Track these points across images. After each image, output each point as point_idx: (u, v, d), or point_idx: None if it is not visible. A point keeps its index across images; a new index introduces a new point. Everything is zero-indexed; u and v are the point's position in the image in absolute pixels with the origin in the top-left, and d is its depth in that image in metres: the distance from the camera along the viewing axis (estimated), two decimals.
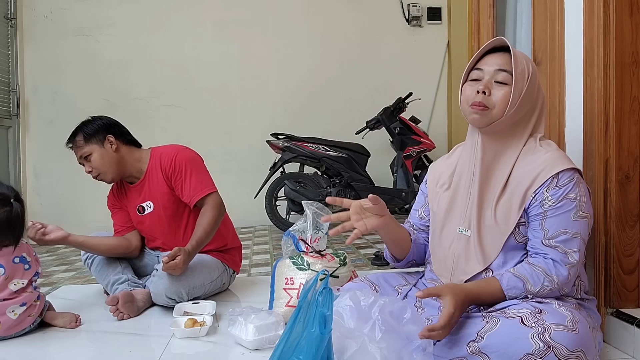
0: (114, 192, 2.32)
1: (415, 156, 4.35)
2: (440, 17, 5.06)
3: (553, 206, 1.29)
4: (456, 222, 1.43)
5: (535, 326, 1.17)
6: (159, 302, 2.04)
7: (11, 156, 4.51)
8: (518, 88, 1.32)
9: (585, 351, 1.17)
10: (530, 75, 1.34)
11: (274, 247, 3.61)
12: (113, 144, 2.16)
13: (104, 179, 2.17)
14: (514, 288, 1.29)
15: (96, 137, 2.14)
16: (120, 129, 2.22)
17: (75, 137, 2.15)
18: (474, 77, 1.38)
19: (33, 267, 1.85)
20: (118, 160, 2.16)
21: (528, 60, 1.37)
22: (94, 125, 2.16)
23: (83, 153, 2.14)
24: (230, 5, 4.86)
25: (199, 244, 2.02)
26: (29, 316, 1.80)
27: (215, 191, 2.15)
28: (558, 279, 1.28)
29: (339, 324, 1.18)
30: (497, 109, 1.33)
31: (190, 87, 4.83)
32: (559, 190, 1.30)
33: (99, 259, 2.21)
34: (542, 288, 1.28)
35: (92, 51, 4.72)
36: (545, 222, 1.30)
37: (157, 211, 2.19)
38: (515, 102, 1.32)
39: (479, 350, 1.21)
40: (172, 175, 2.14)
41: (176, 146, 2.24)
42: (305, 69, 4.91)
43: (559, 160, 1.33)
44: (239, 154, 4.78)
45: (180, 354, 1.64)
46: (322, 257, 1.85)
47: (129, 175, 2.21)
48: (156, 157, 2.19)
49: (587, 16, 1.56)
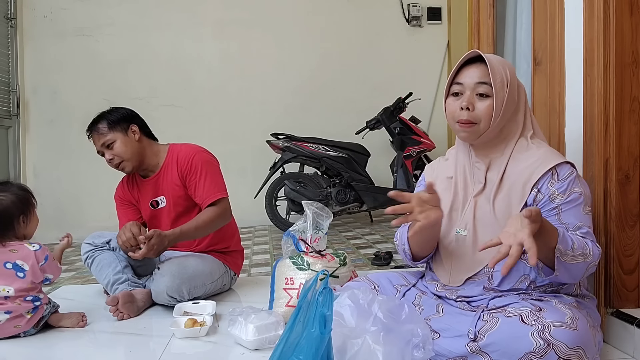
0: (125, 185, 2.30)
1: (415, 156, 4.35)
2: (440, 17, 5.06)
3: (564, 200, 1.31)
4: (454, 225, 1.45)
5: (535, 324, 1.18)
6: (160, 301, 2.04)
7: (11, 156, 4.50)
8: (499, 98, 1.35)
9: (585, 349, 1.17)
10: (509, 80, 1.36)
11: (274, 247, 3.62)
12: (136, 133, 2.16)
13: (124, 167, 2.16)
14: (563, 241, 1.22)
15: (120, 125, 2.13)
16: (142, 121, 2.23)
17: (98, 124, 2.12)
18: (456, 91, 1.40)
19: (29, 277, 1.77)
20: (140, 151, 2.17)
21: (504, 64, 1.39)
22: (118, 114, 2.16)
23: (106, 141, 2.11)
24: (230, 5, 4.86)
25: (182, 234, 2.02)
26: (15, 327, 1.74)
27: (226, 197, 2.16)
28: (592, 253, 1.27)
29: (340, 324, 1.18)
30: (483, 122, 1.36)
31: (190, 87, 4.83)
32: (563, 184, 1.32)
33: (99, 258, 2.20)
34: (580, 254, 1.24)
35: (92, 51, 4.72)
36: (562, 215, 1.32)
37: (168, 207, 2.20)
38: (499, 112, 1.35)
39: (480, 349, 1.21)
40: (187, 174, 2.15)
41: (195, 146, 2.25)
42: (305, 69, 4.91)
43: (552, 155, 1.36)
44: (239, 154, 4.78)
45: (180, 354, 1.64)
46: (322, 257, 1.85)
47: (145, 167, 2.21)
48: (173, 154, 2.20)
49: (587, 16, 1.56)
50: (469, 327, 1.26)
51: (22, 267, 1.77)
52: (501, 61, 1.40)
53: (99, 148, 2.15)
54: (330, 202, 4.14)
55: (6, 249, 1.79)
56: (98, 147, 2.15)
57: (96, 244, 2.25)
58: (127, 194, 2.29)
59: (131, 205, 2.29)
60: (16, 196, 1.83)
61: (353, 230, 4.21)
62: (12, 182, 1.91)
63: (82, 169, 4.69)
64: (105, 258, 2.20)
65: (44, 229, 4.60)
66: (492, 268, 1.37)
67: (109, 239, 2.28)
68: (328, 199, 4.13)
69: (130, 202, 2.29)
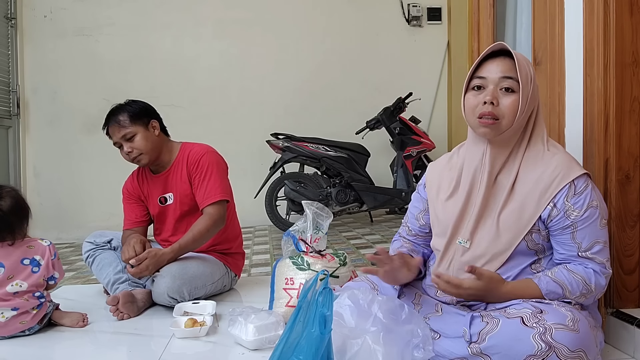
0: (135, 179, 2.30)
1: (415, 156, 4.35)
2: (440, 17, 5.05)
3: (580, 217, 1.28)
4: (458, 233, 1.40)
5: (536, 326, 1.17)
6: (160, 302, 2.04)
7: (11, 156, 4.50)
8: (525, 94, 1.29)
9: (586, 351, 1.17)
10: (533, 77, 1.32)
11: (274, 247, 3.61)
12: (156, 128, 2.17)
13: (140, 160, 2.15)
14: (552, 292, 1.28)
15: (142, 119, 2.13)
16: (159, 117, 2.24)
17: (119, 116, 2.10)
18: (478, 84, 1.33)
19: (42, 271, 1.81)
20: (158, 146, 2.17)
21: (528, 62, 1.35)
22: (138, 107, 2.16)
23: (127, 133, 2.10)
24: (231, 5, 4.85)
25: (181, 249, 2.05)
26: (20, 323, 1.76)
27: (225, 200, 2.16)
28: (596, 288, 1.28)
29: (340, 324, 1.18)
30: (507, 118, 1.29)
31: (190, 87, 4.83)
32: (579, 199, 1.28)
33: (100, 257, 2.21)
34: (580, 295, 1.28)
35: (92, 51, 4.72)
36: (577, 234, 1.29)
37: (175, 204, 2.20)
38: (524, 108, 1.29)
39: (481, 351, 1.21)
40: (193, 172, 2.16)
41: (206, 146, 2.26)
42: (305, 69, 4.91)
43: (571, 165, 1.30)
44: (239, 154, 4.77)
45: (180, 354, 1.64)
46: (322, 257, 1.85)
47: (158, 163, 2.22)
48: (185, 152, 2.21)
49: (587, 16, 1.56)
50: (464, 328, 1.25)
51: (39, 262, 1.82)
52: (525, 58, 1.34)
53: (118, 140, 2.12)
54: (330, 202, 4.14)
55: (24, 246, 1.82)
56: (116, 139, 2.12)
57: (97, 243, 2.26)
58: (137, 188, 2.28)
59: (139, 201, 2.29)
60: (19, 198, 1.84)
61: (353, 230, 4.21)
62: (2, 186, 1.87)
63: (82, 169, 4.70)
64: (106, 257, 2.21)
65: (44, 229, 4.63)
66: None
67: (111, 238, 2.28)
68: (328, 199, 4.13)
69: (139, 197, 2.29)
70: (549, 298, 1.28)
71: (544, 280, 1.29)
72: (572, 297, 1.28)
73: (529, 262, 1.35)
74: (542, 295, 1.29)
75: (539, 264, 1.36)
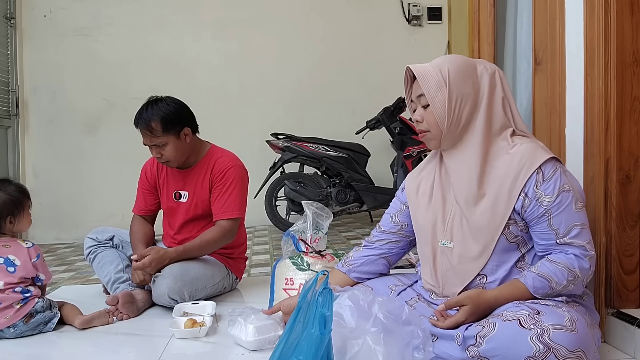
0: (155, 165, 2.28)
1: (416, 156, 4.34)
2: (441, 17, 5.05)
3: (553, 203, 1.29)
4: (439, 235, 1.43)
5: (534, 328, 1.17)
6: (161, 303, 2.04)
7: (10, 156, 4.50)
8: (437, 102, 1.36)
9: (585, 350, 1.17)
10: (448, 79, 1.34)
11: (273, 247, 3.61)
12: (188, 136, 2.14)
13: (168, 164, 2.16)
14: (540, 287, 1.29)
15: (174, 128, 2.08)
16: (193, 119, 2.21)
17: (151, 123, 2.05)
18: (413, 109, 1.47)
19: (19, 272, 1.80)
20: (187, 151, 2.17)
21: (442, 64, 1.37)
22: (173, 114, 2.09)
23: (158, 142, 2.08)
24: (230, 5, 4.85)
25: (185, 252, 2.05)
26: (4, 318, 1.76)
27: (239, 218, 2.16)
28: (581, 272, 1.28)
29: (340, 325, 1.18)
30: (433, 129, 1.39)
31: (190, 87, 4.81)
32: (549, 185, 1.29)
33: (102, 255, 2.20)
34: (567, 284, 1.28)
35: (92, 51, 4.72)
36: (553, 221, 1.29)
37: (188, 205, 2.20)
38: (442, 114, 1.36)
39: (479, 354, 1.21)
40: (216, 182, 2.16)
41: (235, 159, 2.25)
42: (305, 69, 4.91)
43: (536, 152, 1.32)
44: (239, 153, 4.72)
45: (180, 354, 1.64)
46: (322, 257, 1.85)
47: (184, 162, 2.21)
48: (212, 157, 2.21)
49: (587, 16, 1.56)
50: (457, 332, 1.25)
51: (14, 262, 1.81)
52: (439, 63, 1.38)
53: (147, 143, 2.11)
54: (330, 202, 4.13)
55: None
56: (146, 142, 2.11)
57: (99, 240, 2.25)
58: (155, 175, 2.28)
59: (152, 189, 2.29)
60: (9, 196, 1.86)
61: (353, 230, 4.20)
62: (11, 181, 1.93)
63: (82, 169, 4.69)
64: (108, 255, 2.20)
65: (43, 229, 4.62)
66: (485, 278, 1.37)
67: (113, 234, 2.28)
68: (328, 199, 4.13)
69: (154, 184, 2.28)
70: (538, 294, 1.29)
71: (529, 277, 1.30)
72: (560, 288, 1.28)
73: (514, 260, 1.36)
74: (531, 293, 1.29)
75: (524, 262, 1.37)
